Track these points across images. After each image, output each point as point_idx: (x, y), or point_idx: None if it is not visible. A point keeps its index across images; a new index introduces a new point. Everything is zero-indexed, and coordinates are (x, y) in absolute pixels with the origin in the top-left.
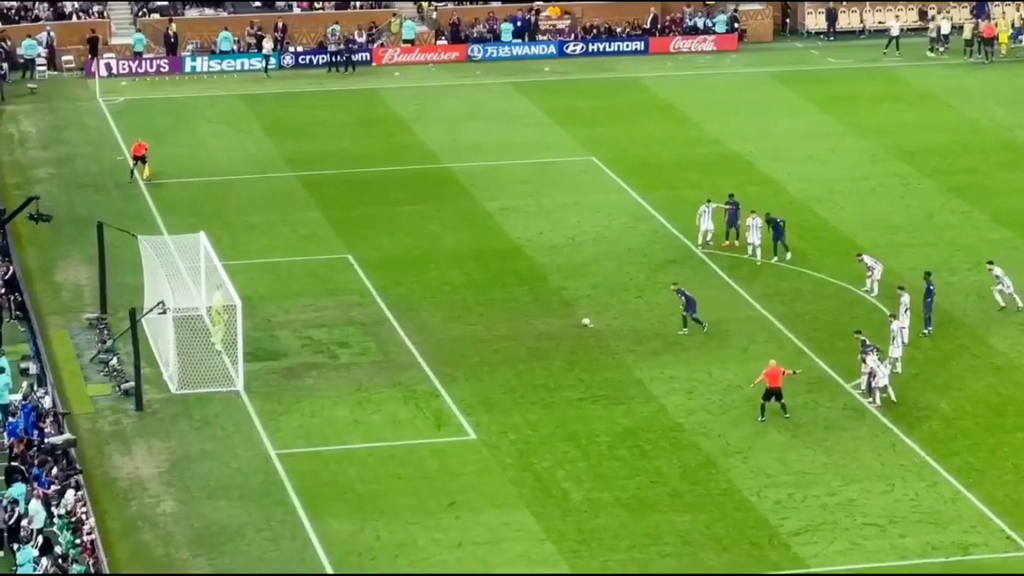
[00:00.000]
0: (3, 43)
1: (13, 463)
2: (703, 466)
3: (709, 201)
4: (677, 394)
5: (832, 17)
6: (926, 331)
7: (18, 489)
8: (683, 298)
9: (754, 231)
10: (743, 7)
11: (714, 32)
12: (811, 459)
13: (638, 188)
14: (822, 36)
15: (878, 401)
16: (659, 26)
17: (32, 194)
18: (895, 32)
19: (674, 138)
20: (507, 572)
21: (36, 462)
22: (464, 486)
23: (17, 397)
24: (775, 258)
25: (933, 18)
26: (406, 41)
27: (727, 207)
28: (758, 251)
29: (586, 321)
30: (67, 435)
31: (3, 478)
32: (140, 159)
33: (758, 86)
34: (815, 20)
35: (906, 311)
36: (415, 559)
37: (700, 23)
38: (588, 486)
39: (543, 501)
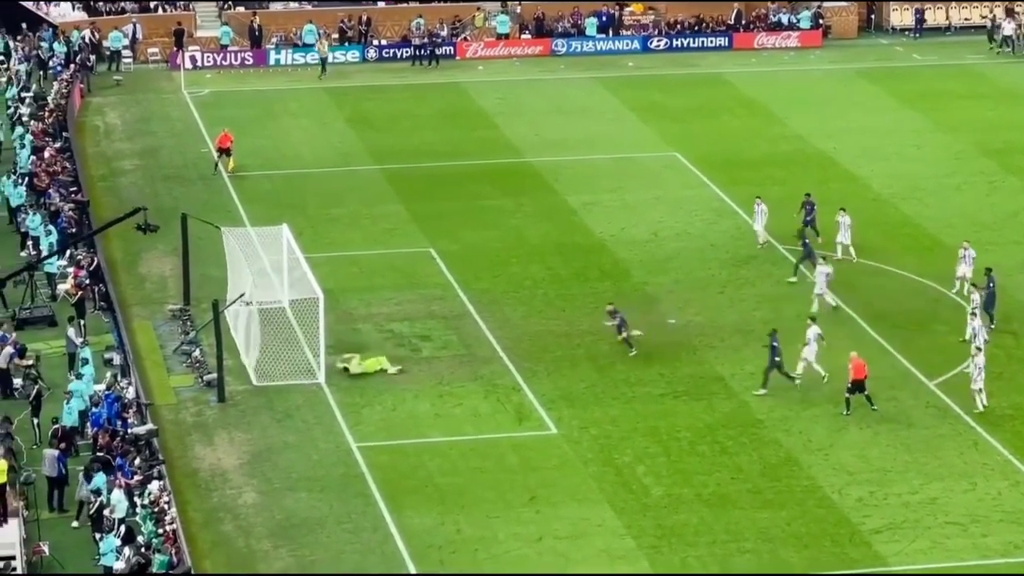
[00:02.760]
0: (91, 35)
1: (98, 453)
2: (784, 463)
3: (759, 199)
4: (757, 389)
5: (919, 13)
6: (990, 327)
7: (100, 479)
8: (617, 319)
9: (843, 229)
10: (828, 4)
11: (799, 28)
12: (893, 457)
13: (721, 184)
14: (908, 33)
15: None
16: (743, 22)
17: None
18: (1008, 31)
19: (757, 134)
20: (586, 567)
21: (120, 452)
22: (545, 480)
23: (101, 387)
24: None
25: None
26: (499, 35)
27: (804, 205)
28: (851, 250)
29: (671, 320)
30: (150, 425)
31: (88, 466)
32: (225, 151)
33: (842, 82)
34: (901, 16)
35: (974, 311)
36: (495, 553)
37: (785, 19)
38: (668, 481)
39: (623, 496)
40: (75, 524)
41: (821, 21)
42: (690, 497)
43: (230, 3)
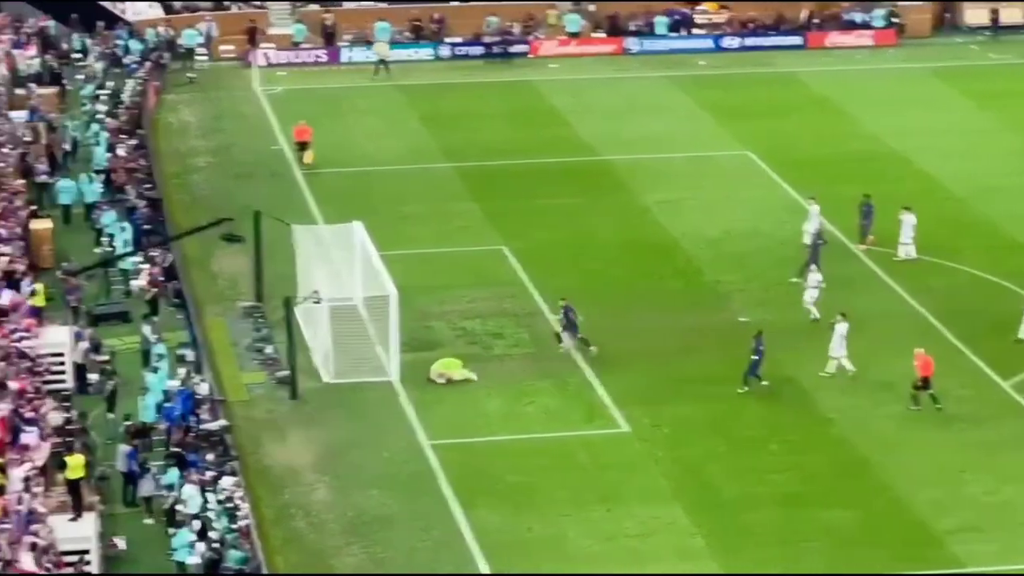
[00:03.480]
0: (166, 33)
1: (172, 449)
2: (856, 462)
3: (813, 199)
4: (829, 390)
5: (994, 12)
6: None
7: (173, 474)
8: (565, 318)
9: (906, 228)
10: (902, 3)
11: (872, 27)
12: (967, 457)
13: (793, 183)
14: (983, 31)
15: None
16: (815, 21)
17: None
18: None
19: (830, 133)
20: (657, 567)
21: (193, 448)
22: (616, 479)
23: (175, 383)
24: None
25: None
26: (570, 34)
27: (862, 207)
28: (912, 250)
29: (743, 319)
30: (222, 421)
31: (161, 463)
32: (303, 144)
33: (916, 82)
34: (976, 15)
35: None
36: (566, 552)
37: (858, 18)
38: (739, 480)
39: (694, 495)
40: (149, 520)
41: (895, 20)
42: (761, 496)
43: (303, 1)
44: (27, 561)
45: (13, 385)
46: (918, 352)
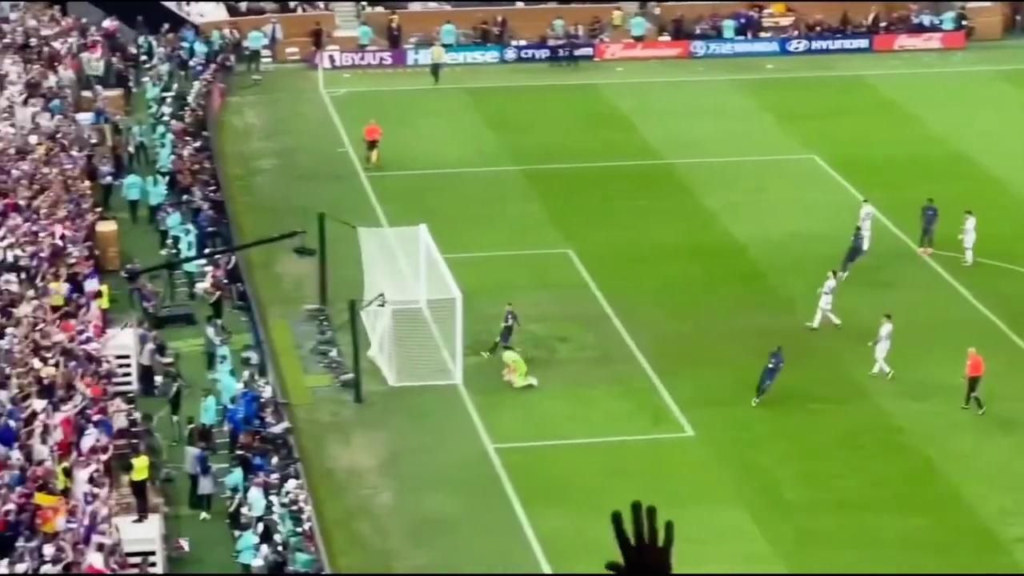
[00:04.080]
0: (231, 35)
1: (238, 452)
2: (924, 469)
3: (866, 201)
4: (898, 395)
5: None
6: None
7: (237, 476)
8: (506, 324)
9: (968, 232)
10: (971, 4)
11: (941, 30)
12: None
13: (860, 187)
14: None
15: None
16: (883, 24)
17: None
18: None
19: (897, 137)
20: (723, 572)
21: (260, 451)
22: (681, 483)
23: (239, 386)
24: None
25: None
26: (635, 37)
27: (925, 211)
28: (969, 254)
29: (808, 324)
30: (285, 424)
31: (225, 465)
32: (372, 143)
33: (985, 85)
34: None
35: None
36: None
37: (927, 21)
38: (806, 486)
39: (761, 500)
40: (206, 516)
41: (964, 22)
42: (828, 502)
43: (369, 3)
44: (96, 561)
45: (79, 387)
46: (971, 351)
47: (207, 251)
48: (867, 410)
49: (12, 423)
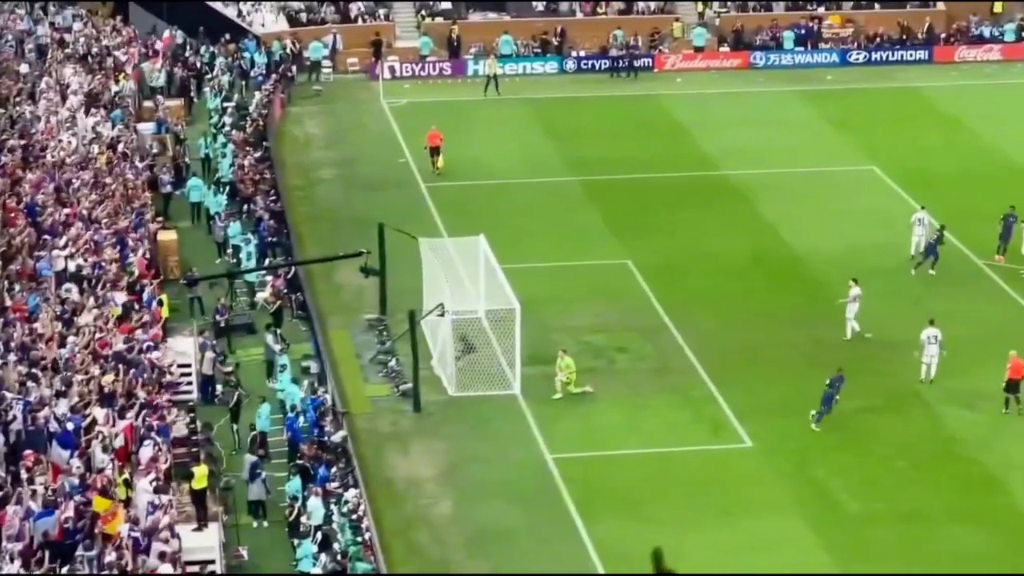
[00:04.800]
0: (292, 46)
1: (299, 461)
2: (983, 480)
3: (923, 208)
4: (956, 406)
5: None
6: None
7: (296, 484)
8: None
9: None
10: None
11: (1001, 41)
12: None
13: (919, 198)
14: None
15: None
16: (941, 35)
17: (355, 248)
18: None
19: (957, 148)
20: None
21: (322, 462)
22: (739, 493)
23: (301, 394)
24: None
25: None
26: (696, 48)
27: (1006, 219)
28: None
29: (867, 334)
30: (343, 433)
31: (284, 474)
32: (435, 149)
33: None
34: None
35: None
36: (688, 566)
37: (987, 32)
38: (864, 497)
39: (818, 510)
40: (259, 523)
41: None
42: (886, 513)
43: (426, 13)
44: (164, 569)
45: (140, 395)
46: (1012, 354)
47: (268, 263)
48: (923, 420)
49: (72, 429)
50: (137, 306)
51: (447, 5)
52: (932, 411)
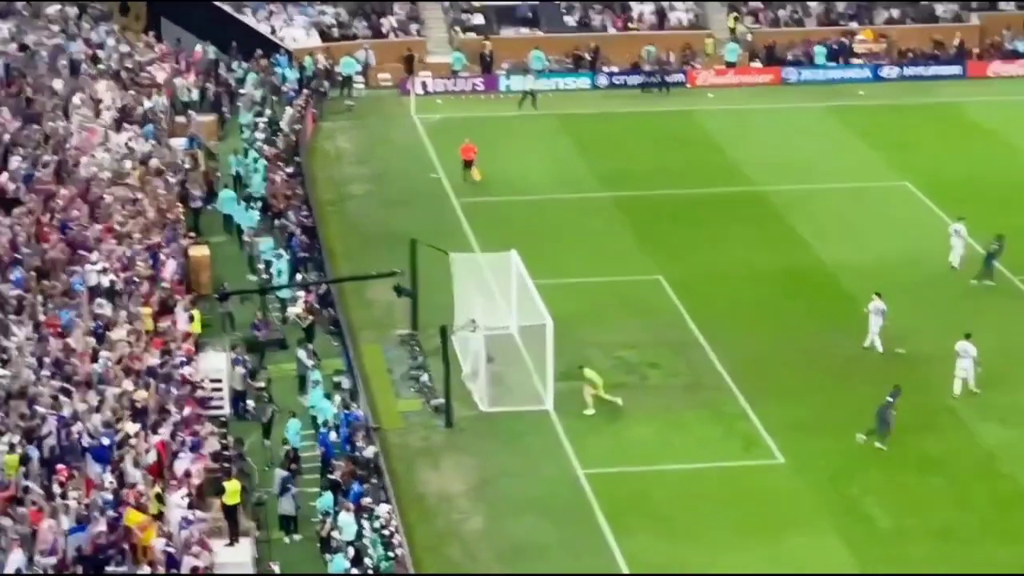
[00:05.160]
0: (324, 61)
1: (330, 476)
2: (1018, 497)
3: (961, 219)
4: (990, 422)
5: None
6: None
7: (327, 499)
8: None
9: None
10: None
11: None
12: None
13: (952, 213)
14: None
15: None
16: (974, 50)
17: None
18: None
19: (991, 163)
20: None
21: (357, 478)
22: (772, 509)
23: (334, 409)
24: None
25: None
26: (728, 63)
27: None
28: None
29: (900, 350)
30: (374, 448)
31: (315, 489)
32: (468, 163)
33: None
34: None
35: None
36: None
37: (1021, 47)
38: (898, 513)
39: (852, 527)
40: (290, 538)
41: None
42: (920, 529)
43: (459, 29)
44: None
45: (173, 410)
46: None
47: (300, 279)
48: (957, 436)
49: (106, 444)
50: (169, 321)
51: (480, 21)
52: (966, 427)
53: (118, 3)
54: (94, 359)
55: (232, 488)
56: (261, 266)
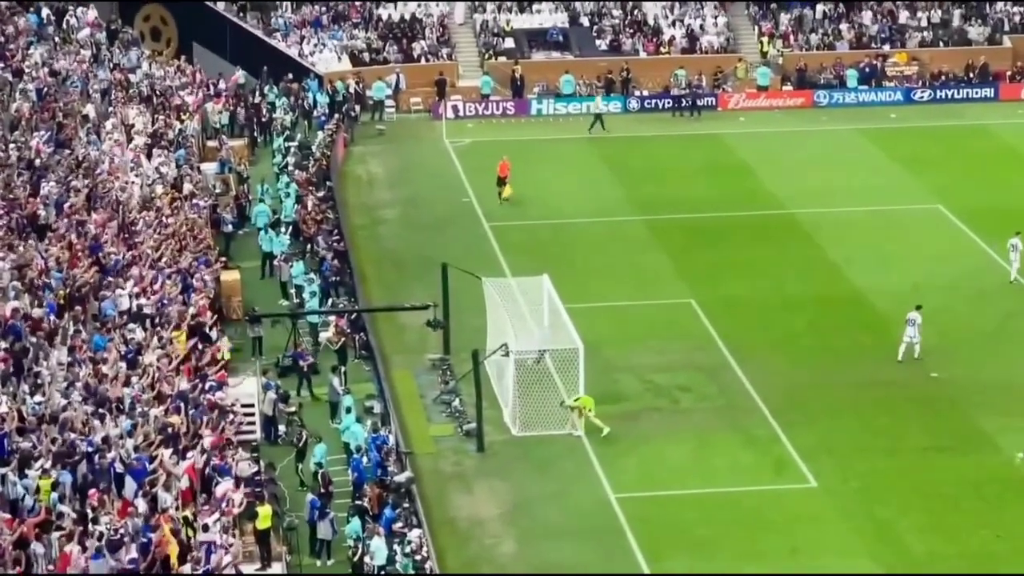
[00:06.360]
0: (355, 85)
1: (358, 502)
2: None
3: (1018, 234)
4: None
5: None
6: None
7: (356, 524)
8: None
9: None
10: None
11: None
12: None
13: (986, 237)
14: None
15: None
16: (1007, 73)
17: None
18: None
19: (1023, 186)
20: None
21: (388, 503)
22: (804, 533)
23: (365, 434)
24: None
25: None
26: (759, 87)
27: None
28: None
29: (934, 374)
30: (408, 473)
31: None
32: (502, 180)
33: None
34: None
35: None
36: None
37: None
38: (932, 538)
39: (885, 551)
40: (322, 562)
41: None
42: (953, 554)
43: (492, 53)
44: None
45: (206, 435)
46: None
47: (331, 304)
48: (991, 459)
49: (140, 468)
50: (200, 346)
51: (511, 44)
52: (999, 449)
53: (150, 28)
54: (126, 384)
55: (264, 513)
56: (292, 291)
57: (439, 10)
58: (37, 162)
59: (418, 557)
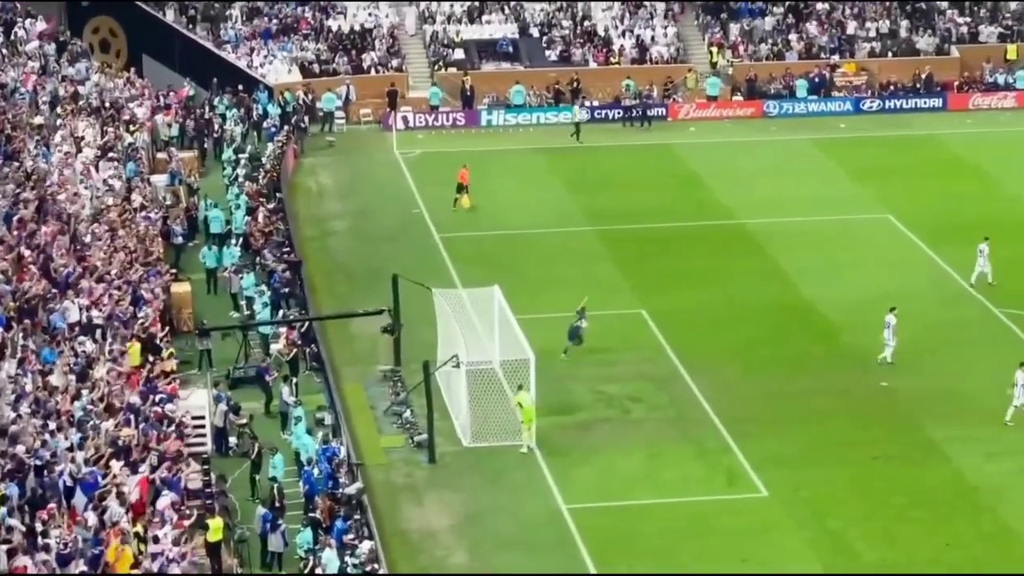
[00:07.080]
0: (304, 97)
1: (311, 514)
2: (1001, 532)
3: (987, 239)
4: (974, 456)
5: None
6: None
7: (307, 536)
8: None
9: None
10: None
11: (1015, 88)
12: None
13: (935, 247)
14: None
15: None
16: (954, 83)
17: (383, 308)
18: None
19: (973, 196)
20: None
21: (339, 515)
22: (756, 543)
23: (316, 446)
24: None
25: None
26: (709, 97)
27: None
28: None
29: (884, 383)
30: (358, 484)
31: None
32: (462, 187)
33: None
34: None
35: None
36: None
37: (1001, 79)
38: (882, 547)
39: (836, 560)
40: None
41: None
42: (904, 563)
43: (441, 64)
44: None
45: (154, 448)
46: None
47: (282, 315)
48: (941, 468)
49: (91, 482)
50: (151, 358)
51: (460, 55)
52: (950, 461)
53: (99, 40)
54: (76, 397)
55: (215, 525)
56: (243, 302)
57: (389, 21)
58: None
59: (369, 568)
